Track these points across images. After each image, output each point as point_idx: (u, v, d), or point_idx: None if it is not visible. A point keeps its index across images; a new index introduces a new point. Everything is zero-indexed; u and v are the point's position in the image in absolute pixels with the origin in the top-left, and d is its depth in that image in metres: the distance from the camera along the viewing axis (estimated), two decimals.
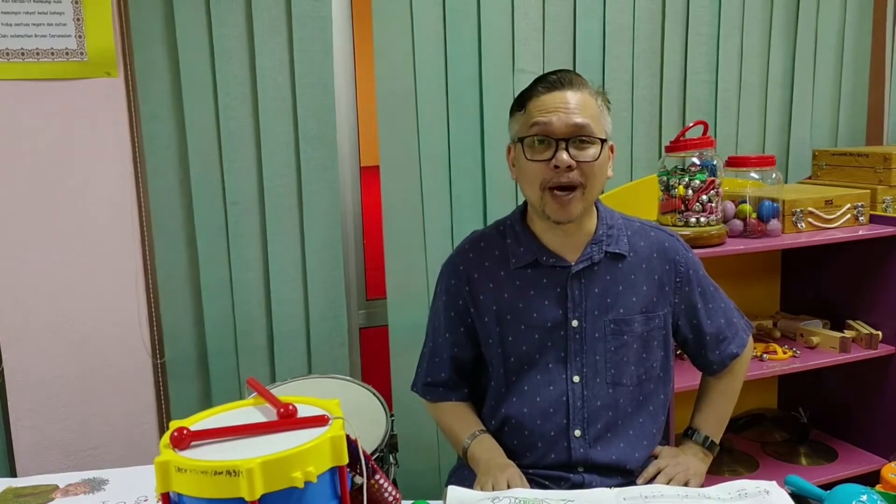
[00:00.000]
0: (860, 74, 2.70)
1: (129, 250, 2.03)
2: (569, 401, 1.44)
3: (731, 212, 2.16)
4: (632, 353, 1.46)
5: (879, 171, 2.34)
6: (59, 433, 2.02)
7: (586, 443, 1.44)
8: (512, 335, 1.47)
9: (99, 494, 1.27)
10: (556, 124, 1.35)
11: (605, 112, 1.42)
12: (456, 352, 1.55)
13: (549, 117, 1.36)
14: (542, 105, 1.38)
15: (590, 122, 1.36)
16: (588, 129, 1.36)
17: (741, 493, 1.15)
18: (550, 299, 1.45)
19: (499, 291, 1.47)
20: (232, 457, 0.85)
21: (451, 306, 1.54)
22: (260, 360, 2.14)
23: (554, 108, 1.36)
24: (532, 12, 2.24)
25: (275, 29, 2.03)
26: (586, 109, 1.37)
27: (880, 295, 2.27)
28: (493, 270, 1.49)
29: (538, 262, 1.45)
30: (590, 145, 1.37)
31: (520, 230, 1.48)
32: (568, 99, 1.37)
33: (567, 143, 1.35)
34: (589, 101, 1.39)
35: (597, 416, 1.44)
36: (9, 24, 1.87)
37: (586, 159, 1.36)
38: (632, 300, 1.45)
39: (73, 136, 1.95)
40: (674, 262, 1.49)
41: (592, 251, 1.44)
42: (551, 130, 1.36)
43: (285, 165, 2.09)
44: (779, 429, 2.50)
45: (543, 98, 1.38)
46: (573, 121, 1.35)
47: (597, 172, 1.38)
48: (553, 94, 1.38)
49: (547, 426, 1.45)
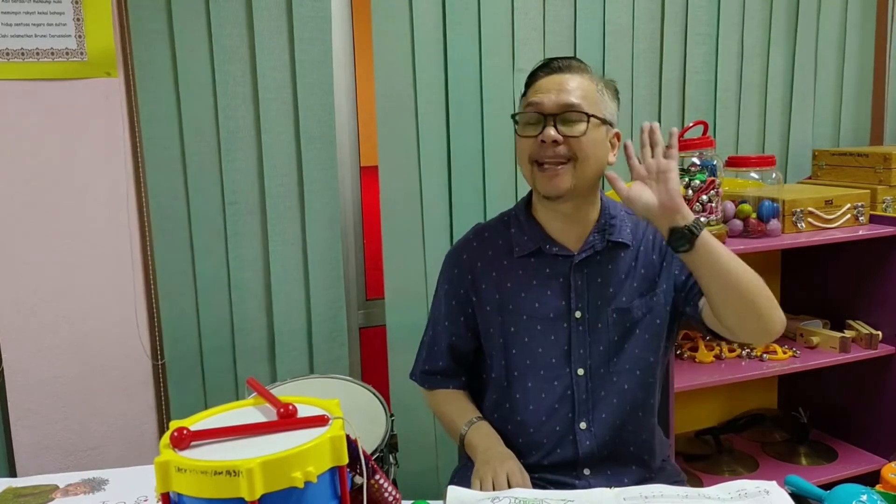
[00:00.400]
0: (863, 74, 2.70)
1: (129, 250, 2.03)
2: (574, 394, 1.44)
3: (731, 212, 2.16)
4: (636, 340, 1.46)
5: (879, 171, 2.34)
6: (59, 433, 2.02)
7: (592, 434, 1.44)
8: (514, 326, 1.47)
9: (99, 494, 1.27)
10: (546, 102, 1.40)
11: (605, 97, 1.44)
12: (454, 340, 1.56)
13: (542, 97, 1.41)
14: (538, 87, 1.44)
15: (581, 101, 1.39)
16: (577, 106, 1.39)
17: (741, 493, 1.15)
18: (553, 290, 1.46)
19: (501, 281, 1.49)
20: (232, 457, 0.85)
21: (452, 295, 1.54)
22: (260, 360, 2.14)
23: (547, 90, 1.41)
24: (532, 12, 2.24)
25: (275, 29, 2.03)
26: (581, 90, 1.41)
27: (880, 295, 2.27)
28: (497, 260, 1.50)
29: (541, 251, 1.47)
30: (578, 122, 1.39)
31: (524, 219, 1.50)
32: (562, 80, 1.42)
33: (555, 118, 1.39)
34: (585, 83, 1.42)
35: (602, 408, 1.45)
36: (9, 24, 1.87)
37: (573, 134, 1.38)
38: (633, 286, 1.46)
39: (72, 136, 1.95)
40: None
41: (595, 239, 1.46)
42: (542, 108, 1.40)
43: (286, 165, 2.09)
44: (779, 429, 2.50)
45: (541, 81, 1.44)
46: (563, 99, 1.39)
47: (586, 148, 1.39)
48: (550, 77, 1.43)
49: (552, 422, 1.45)
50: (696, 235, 1.29)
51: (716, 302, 1.35)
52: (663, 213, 1.31)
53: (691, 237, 1.29)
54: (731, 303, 1.33)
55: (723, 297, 1.33)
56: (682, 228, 1.29)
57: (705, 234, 1.30)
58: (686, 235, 1.29)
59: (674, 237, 1.30)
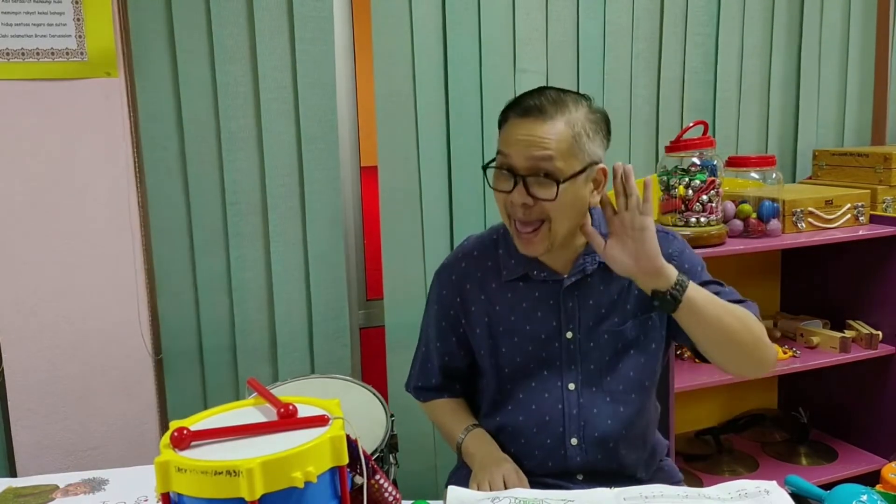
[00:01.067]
0: (865, 74, 2.69)
1: (129, 250, 2.03)
2: (564, 409, 1.42)
3: (731, 212, 2.16)
4: (630, 361, 1.43)
5: (880, 171, 2.34)
6: (59, 433, 2.02)
7: (583, 451, 1.42)
8: (505, 346, 1.45)
9: (99, 494, 1.27)
10: (516, 158, 1.31)
11: (583, 140, 1.31)
12: (447, 360, 1.55)
13: (511, 150, 1.32)
14: (509, 136, 1.34)
15: (555, 155, 1.28)
16: (549, 164, 1.28)
17: (741, 493, 1.15)
18: (544, 311, 1.43)
19: (490, 303, 1.46)
20: (232, 457, 0.85)
21: (442, 316, 1.53)
22: (262, 360, 2.14)
23: (516, 141, 1.31)
24: (533, 12, 2.23)
25: (276, 29, 2.03)
26: (556, 144, 1.29)
27: (880, 295, 2.27)
28: (485, 282, 1.47)
29: (528, 276, 1.43)
30: (548, 185, 1.29)
31: (511, 242, 1.43)
32: (534, 130, 1.30)
33: (525, 180, 1.30)
34: (562, 130, 1.29)
35: (594, 425, 1.42)
36: (9, 24, 1.87)
37: (544, 197, 1.30)
38: (626, 307, 1.42)
39: (72, 136, 1.95)
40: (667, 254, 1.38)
41: (585, 262, 1.41)
42: (511, 164, 1.32)
43: (287, 165, 2.09)
44: (779, 429, 2.50)
45: (512, 127, 1.34)
46: (533, 154, 1.29)
47: (559, 209, 1.31)
48: (522, 123, 1.32)
49: (543, 435, 1.43)
50: (678, 301, 1.25)
51: (702, 347, 1.34)
52: (643, 275, 1.26)
53: (674, 302, 1.25)
54: (716, 347, 1.32)
55: (708, 343, 1.32)
56: (664, 294, 1.25)
57: (689, 293, 1.25)
58: (669, 301, 1.25)
59: (656, 299, 1.27)
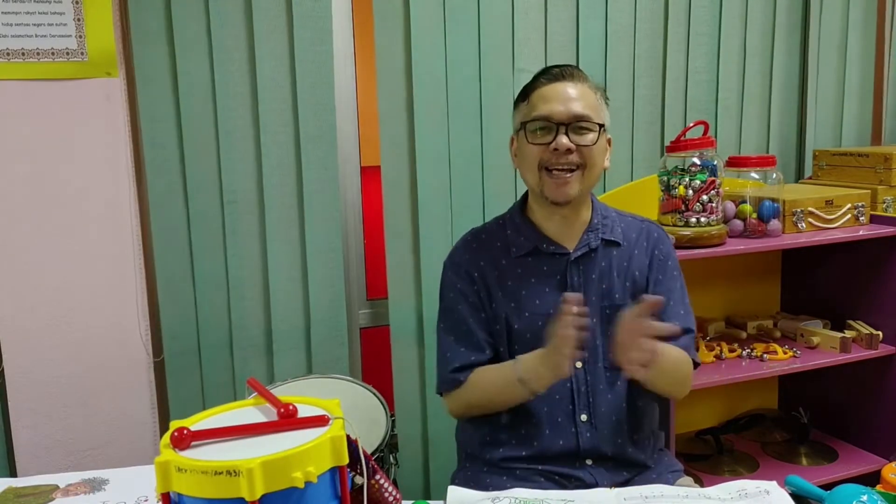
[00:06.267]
0: (865, 74, 2.69)
1: (129, 250, 2.03)
2: (573, 386, 1.47)
3: (731, 212, 2.16)
4: None
5: (880, 171, 2.34)
6: (59, 433, 2.02)
7: (593, 427, 1.46)
8: (518, 323, 1.50)
9: (99, 494, 1.26)
10: (557, 111, 1.45)
11: (602, 105, 1.50)
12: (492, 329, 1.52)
13: (551, 105, 1.45)
14: (544, 94, 1.47)
15: (589, 111, 1.45)
16: (587, 117, 1.45)
17: (741, 493, 1.15)
18: (551, 287, 1.50)
19: (503, 280, 1.52)
20: (232, 457, 0.85)
21: (467, 293, 1.52)
22: (260, 360, 2.15)
23: (555, 97, 1.46)
24: (533, 12, 2.24)
25: (275, 29, 2.03)
26: (585, 99, 1.46)
27: (880, 295, 2.26)
28: (497, 260, 1.53)
29: (538, 250, 1.51)
30: (588, 131, 1.45)
31: (520, 221, 1.55)
32: (569, 89, 1.46)
33: (567, 127, 1.44)
34: (588, 92, 1.48)
35: (600, 400, 1.47)
36: (9, 24, 1.87)
37: (585, 143, 1.45)
38: (625, 285, 1.51)
39: (73, 136, 1.95)
40: (656, 247, 1.56)
41: (590, 238, 1.51)
42: (552, 116, 1.45)
43: (286, 165, 2.09)
44: (779, 429, 2.50)
45: (546, 88, 1.48)
46: (573, 109, 1.45)
47: (594, 156, 1.46)
48: (555, 85, 1.47)
49: (554, 412, 1.47)
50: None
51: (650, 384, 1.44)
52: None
53: None
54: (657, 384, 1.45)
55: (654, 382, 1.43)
56: None
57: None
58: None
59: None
